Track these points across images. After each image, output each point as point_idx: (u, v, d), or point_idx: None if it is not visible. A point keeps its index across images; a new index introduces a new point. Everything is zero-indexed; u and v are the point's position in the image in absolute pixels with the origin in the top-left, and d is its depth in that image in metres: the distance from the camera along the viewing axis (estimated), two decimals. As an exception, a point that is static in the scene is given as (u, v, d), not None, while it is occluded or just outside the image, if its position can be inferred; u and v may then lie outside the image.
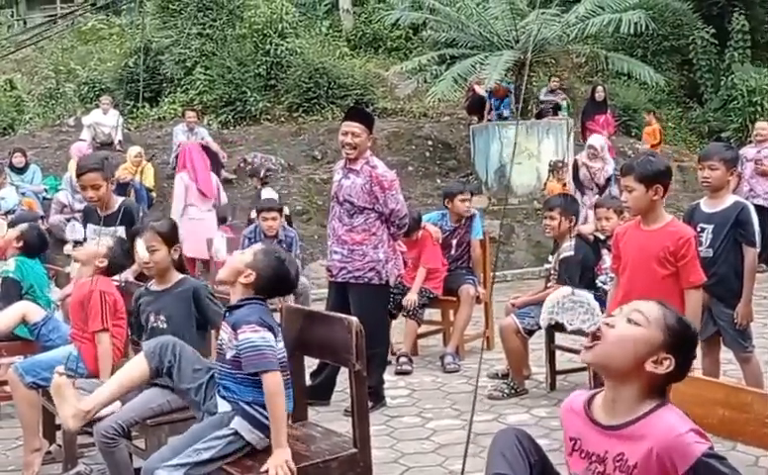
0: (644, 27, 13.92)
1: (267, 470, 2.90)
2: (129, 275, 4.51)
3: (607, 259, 5.22)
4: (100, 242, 4.20)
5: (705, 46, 17.28)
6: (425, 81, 14.73)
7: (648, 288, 3.60)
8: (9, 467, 4.43)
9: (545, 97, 13.89)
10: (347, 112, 5.47)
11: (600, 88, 14.07)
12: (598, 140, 10.02)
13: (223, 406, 3.11)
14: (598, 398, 2.20)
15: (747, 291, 4.35)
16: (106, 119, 13.37)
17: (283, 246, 6.49)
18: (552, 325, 5.31)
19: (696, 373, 3.73)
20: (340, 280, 5.16)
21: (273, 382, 2.98)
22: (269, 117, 15.36)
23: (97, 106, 14.08)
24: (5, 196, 10.42)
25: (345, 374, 3.45)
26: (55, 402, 3.27)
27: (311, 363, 4.41)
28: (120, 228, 4.67)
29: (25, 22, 24.51)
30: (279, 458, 2.91)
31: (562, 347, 5.59)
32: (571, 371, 5.65)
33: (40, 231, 5.53)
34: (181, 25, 15.98)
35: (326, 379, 5.18)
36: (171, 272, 3.84)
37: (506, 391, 5.36)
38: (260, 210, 7.17)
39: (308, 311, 3.77)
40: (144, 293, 3.87)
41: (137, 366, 3.30)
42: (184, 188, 8.64)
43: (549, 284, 5.67)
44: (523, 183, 12.66)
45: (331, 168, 9.89)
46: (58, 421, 3.70)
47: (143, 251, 3.79)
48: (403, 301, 6.18)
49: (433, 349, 6.71)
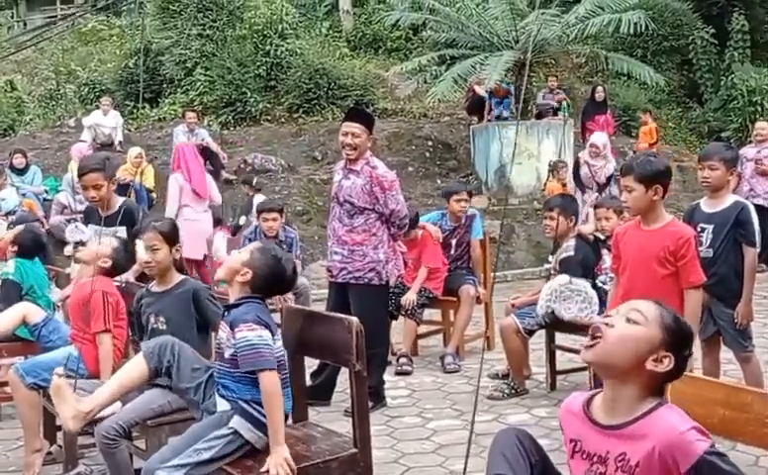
0: (644, 27, 13.92)
1: (268, 470, 2.90)
2: (130, 276, 4.52)
3: (607, 259, 5.22)
4: (102, 243, 4.21)
5: (705, 46, 17.28)
6: (425, 82, 14.73)
7: (648, 288, 3.60)
8: (10, 468, 4.43)
9: (543, 101, 13.88)
10: (347, 112, 5.47)
11: (600, 88, 14.07)
12: (600, 137, 10.01)
13: (222, 405, 3.12)
14: (597, 398, 2.21)
15: (747, 291, 4.35)
16: (106, 120, 13.39)
17: (283, 247, 6.49)
18: (549, 321, 5.31)
19: (696, 373, 3.74)
20: (341, 280, 5.17)
21: (270, 381, 2.98)
22: (269, 118, 15.36)
23: (97, 107, 14.10)
24: (5, 197, 10.43)
25: (346, 374, 3.45)
26: (55, 403, 3.27)
27: (311, 363, 4.41)
28: (120, 228, 4.67)
29: (25, 23, 24.54)
30: (278, 457, 2.91)
31: (562, 347, 5.59)
32: (571, 371, 5.66)
33: (34, 233, 5.52)
34: (181, 26, 15.99)
35: (326, 379, 5.19)
36: (172, 273, 3.84)
37: (506, 391, 5.36)
38: (260, 210, 7.20)
39: (308, 311, 3.77)
40: (146, 294, 3.87)
41: (136, 367, 3.30)
42: (178, 189, 8.61)
43: (549, 284, 5.67)
44: (523, 183, 12.67)
45: (331, 169, 9.89)
46: (59, 421, 3.70)
47: (143, 252, 3.80)
48: (401, 300, 6.18)
49: (434, 350, 6.71)
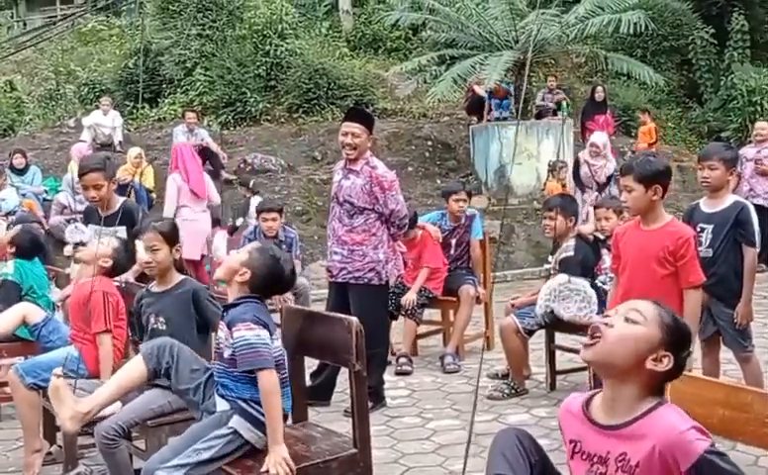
0: (644, 27, 13.93)
1: (267, 470, 2.90)
2: (130, 276, 4.51)
3: (607, 259, 5.22)
4: (103, 242, 4.20)
5: (704, 46, 17.28)
6: (424, 82, 14.74)
7: (648, 288, 3.60)
8: (10, 468, 4.43)
9: (542, 102, 13.88)
10: (347, 112, 5.47)
11: (599, 88, 14.07)
12: (600, 137, 10.01)
13: (221, 404, 3.12)
14: (596, 399, 2.21)
15: (747, 291, 4.34)
16: (106, 120, 13.39)
17: (283, 247, 6.50)
18: (548, 321, 5.31)
19: (696, 373, 3.74)
20: (340, 280, 5.17)
21: (268, 380, 2.98)
22: (269, 118, 15.36)
23: (97, 107, 14.09)
24: (5, 197, 10.43)
25: (345, 374, 3.46)
26: (53, 404, 3.26)
27: (311, 364, 4.41)
28: (120, 228, 4.67)
29: (25, 23, 24.56)
30: (277, 456, 2.91)
31: (562, 347, 5.59)
32: (571, 371, 5.66)
33: (32, 234, 5.51)
34: (181, 26, 15.99)
35: (326, 379, 5.19)
36: (172, 273, 3.84)
37: (506, 391, 5.36)
38: (260, 211, 7.22)
39: (308, 311, 3.78)
40: (146, 294, 3.87)
41: (135, 368, 3.30)
42: (176, 189, 8.60)
43: (549, 284, 5.67)
44: (522, 183, 12.67)
45: (330, 169, 9.89)
46: (59, 422, 3.70)
47: (142, 252, 3.80)
48: (402, 300, 6.18)
49: (433, 350, 6.71)
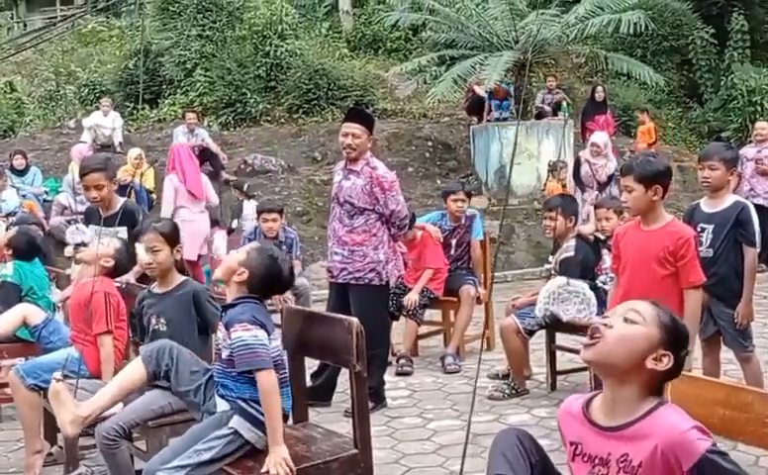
0: (644, 27, 13.94)
1: (268, 471, 2.90)
2: (130, 277, 4.51)
3: (607, 259, 5.22)
4: (103, 243, 4.20)
5: (704, 46, 17.28)
6: (424, 82, 14.74)
7: (648, 288, 3.60)
8: (10, 469, 4.43)
9: (541, 103, 13.87)
10: (347, 113, 5.47)
11: (600, 88, 14.07)
12: (601, 136, 10.01)
13: (222, 405, 3.12)
14: (596, 400, 2.20)
15: (747, 291, 4.34)
16: (106, 121, 13.39)
17: (283, 248, 6.50)
18: (549, 322, 5.31)
19: (696, 373, 3.74)
20: (341, 281, 5.16)
21: (267, 380, 2.98)
22: (269, 118, 15.37)
23: (97, 108, 14.10)
24: (6, 198, 10.43)
25: (346, 375, 3.45)
26: (53, 407, 3.26)
27: (311, 364, 4.41)
28: (121, 228, 4.66)
29: (25, 24, 24.57)
30: (277, 456, 2.91)
31: (563, 348, 5.59)
32: (572, 371, 5.66)
33: (29, 236, 5.51)
34: (181, 27, 16.00)
35: (326, 380, 5.19)
36: (173, 274, 3.84)
37: (506, 391, 5.36)
38: (260, 211, 7.19)
39: (308, 312, 3.78)
40: (147, 295, 3.87)
41: (134, 371, 3.31)
42: (173, 190, 8.59)
43: (550, 285, 5.67)
44: (522, 183, 12.67)
45: (331, 169, 9.89)
46: (59, 425, 3.70)
47: (143, 254, 3.80)
48: (403, 300, 6.18)
49: (434, 350, 6.71)
